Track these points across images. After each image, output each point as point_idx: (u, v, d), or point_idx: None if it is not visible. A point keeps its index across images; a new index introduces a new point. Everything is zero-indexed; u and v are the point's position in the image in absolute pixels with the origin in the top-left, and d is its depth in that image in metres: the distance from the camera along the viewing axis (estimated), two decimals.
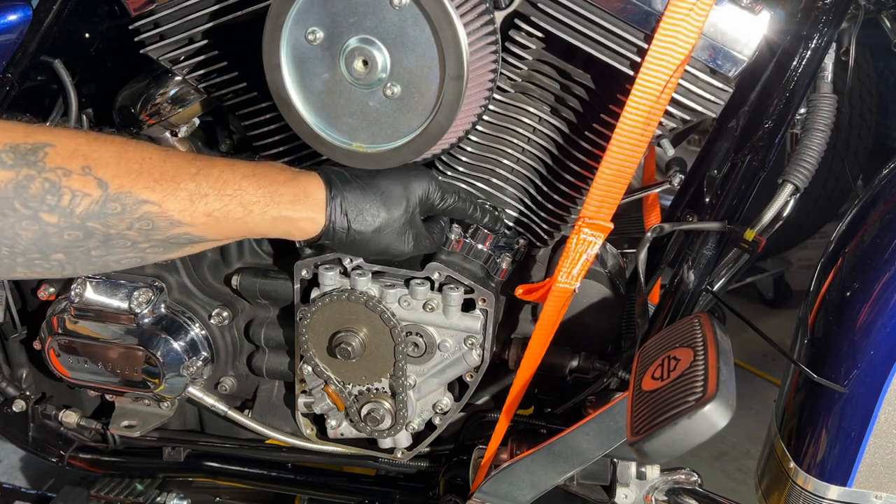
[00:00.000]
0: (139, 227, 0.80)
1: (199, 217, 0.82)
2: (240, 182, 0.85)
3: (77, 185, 0.76)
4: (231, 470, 1.39)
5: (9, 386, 1.38)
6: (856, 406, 0.89)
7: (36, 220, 0.75)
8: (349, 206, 0.91)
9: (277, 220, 0.88)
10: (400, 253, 0.97)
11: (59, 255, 0.78)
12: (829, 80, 1.02)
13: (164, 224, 0.81)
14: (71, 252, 0.78)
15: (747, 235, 1.00)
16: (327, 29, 0.91)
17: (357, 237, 0.93)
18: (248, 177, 0.86)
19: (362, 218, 0.92)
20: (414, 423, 1.20)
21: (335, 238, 0.92)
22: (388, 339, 1.12)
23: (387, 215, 0.93)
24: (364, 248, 0.95)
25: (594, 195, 0.98)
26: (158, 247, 0.83)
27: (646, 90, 0.92)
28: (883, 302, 0.87)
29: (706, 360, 0.85)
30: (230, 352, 1.29)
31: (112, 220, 0.78)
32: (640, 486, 1.08)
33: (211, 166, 0.84)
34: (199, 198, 0.82)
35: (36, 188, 0.74)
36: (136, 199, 0.78)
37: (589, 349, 1.18)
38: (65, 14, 1.14)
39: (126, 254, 0.82)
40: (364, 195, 0.92)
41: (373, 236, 0.93)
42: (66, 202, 0.75)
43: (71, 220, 0.76)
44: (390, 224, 0.94)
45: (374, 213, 0.92)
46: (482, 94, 0.98)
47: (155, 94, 1.20)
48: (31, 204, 0.74)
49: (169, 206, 0.80)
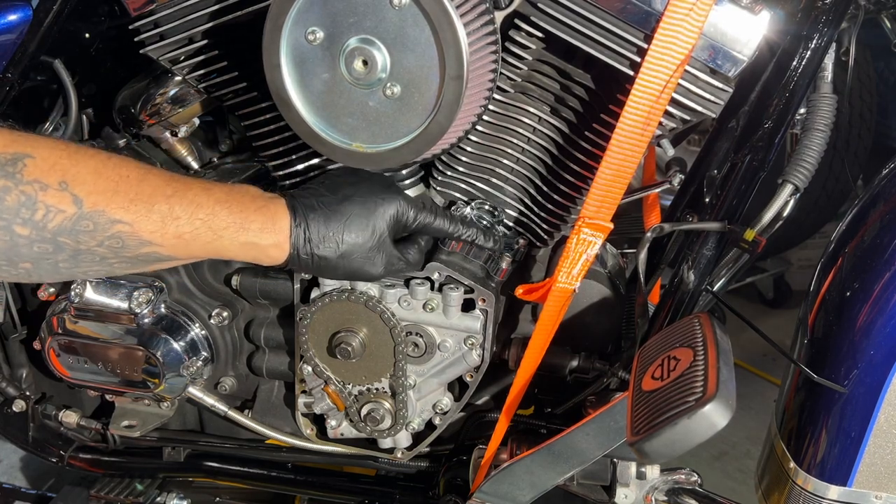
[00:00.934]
0: (109, 244, 0.80)
1: (170, 239, 0.83)
2: (213, 207, 0.86)
3: (52, 201, 0.76)
4: (231, 470, 1.39)
5: (9, 386, 1.38)
6: (856, 406, 0.89)
7: (8, 231, 0.75)
8: (312, 233, 0.91)
9: (246, 246, 0.89)
10: (370, 276, 0.98)
11: (27, 264, 0.79)
12: (829, 80, 1.02)
13: (133, 243, 0.82)
14: (39, 263, 0.79)
15: (747, 235, 1.00)
16: (327, 29, 0.91)
17: (322, 262, 0.93)
18: (221, 202, 0.87)
19: (325, 245, 0.92)
20: (414, 423, 1.20)
21: (300, 264, 0.93)
22: (388, 339, 1.12)
23: (351, 241, 0.94)
24: (332, 272, 0.96)
25: (594, 195, 0.98)
26: (126, 263, 0.84)
27: (646, 90, 0.92)
28: (883, 302, 0.87)
29: (706, 360, 0.85)
30: (230, 352, 1.29)
31: (83, 236, 0.78)
32: (640, 486, 1.08)
33: (186, 189, 0.85)
34: (171, 220, 0.83)
35: (11, 200, 0.74)
36: (109, 218, 0.79)
37: (589, 349, 1.18)
38: (65, 14, 1.14)
39: (93, 267, 0.83)
40: (328, 222, 0.92)
41: (339, 262, 0.94)
42: (39, 216, 0.76)
43: (42, 234, 0.76)
44: (356, 249, 0.94)
45: (337, 239, 0.93)
46: (482, 94, 0.98)
47: (155, 94, 1.20)
48: (4, 216, 0.75)
49: (140, 226, 0.81)
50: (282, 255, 0.92)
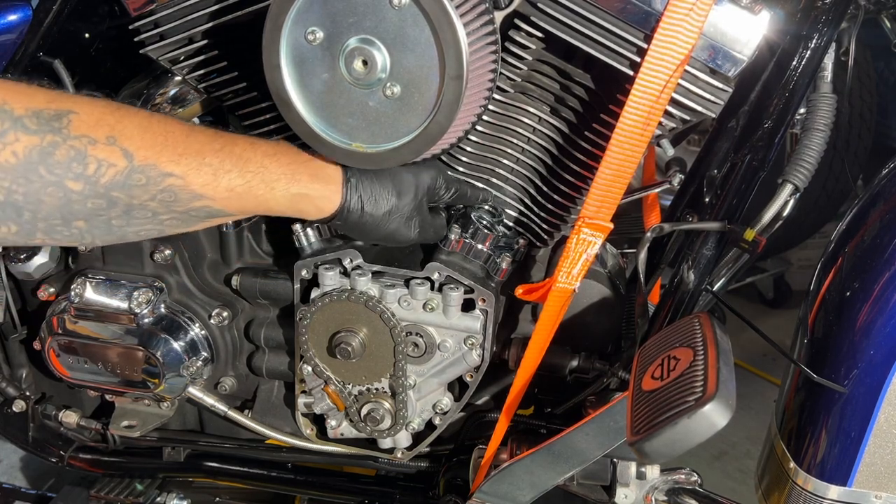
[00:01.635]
0: (162, 198, 0.80)
1: (222, 192, 0.84)
2: (262, 160, 0.87)
3: (103, 155, 0.76)
4: (231, 470, 1.39)
5: (9, 386, 1.38)
6: (856, 406, 0.89)
7: (61, 187, 0.74)
8: (363, 188, 0.93)
9: (296, 198, 0.90)
10: (405, 239, 0.99)
11: (81, 222, 0.78)
12: (829, 80, 1.02)
13: (186, 197, 0.82)
14: (92, 220, 0.78)
15: (747, 235, 1.00)
16: (327, 29, 0.91)
17: (368, 219, 0.95)
18: (269, 155, 0.88)
19: (374, 201, 0.94)
20: (414, 423, 1.20)
21: (348, 219, 0.94)
22: (388, 339, 1.12)
23: (397, 200, 0.96)
24: (373, 230, 0.97)
25: (594, 195, 0.98)
26: (178, 218, 0.84)
27: (646, 90, 0.92)
28: (883, 302, 0.87)
29: (706, 359, 0.85)
30: (230, 352, 1.29)
31: (136, 190, 0.78)
32: (640, 486, 1.08)
33: (233, 143, 0.85)
34: (222, 173, 0.83)
35: (61, 155, 0.74)
36: (160, 171, 0.79)
37: (589, 349, 1.18)
38: (65, 14, 1.14)
39: (145, 225, 0.82)
40: (378, 179, 0.95)
41: (382, 219, 0.95)
42: (91, 171, 0.75)
43: (95, 189, 0.76)
44: (400, 209, 0.96)
45: (386, 196, 0.94)
46: (482, 94, 0.98)
47: (155, 94, 1.20)
48: (56, 171, 0.74)
49: (192, 179, 0.81)
50: (331, 207, 0.92)
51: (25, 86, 0.75)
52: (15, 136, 0.72)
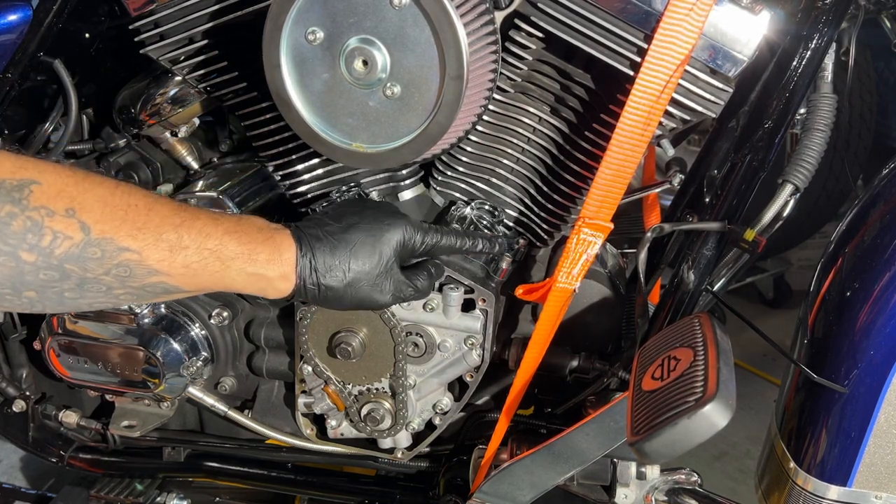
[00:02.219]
0: (116, 273, 0.79)
1: (178, 268, 0.82)
2: (221, 237, 0.85)
3: (59, 227, 0.75)
4: (231, 470, 1.39)
5: (9, 386, 1.38)
6: (856, 406, 0.89)
7: (14, 258, 0.74)
8: (318, 263, 0.90)
9: (253, 277, 0.88)
10: (378, 304, 0.96)
11: (32, 292, 0.77)
12: (829, 80, 1.02)
13: (141, 272, 0.80)
14: (44, 292, 0.77)
15: (747, 235, 1.00)
16: (327, 29, 0.91)
17: (329, 293, 0.92)
18: (229, 232, 0.85)
19: (332, 274, 0.91)
20: (414, 423, 1.20)
21: (308, 295, 0.91)
22: (388, 339, 1.12)
23: (358, 269, 0.92)
24: (339, 302, 0.94)
25: (594, 195, 0.98)
26: (132, 294, 0.82)
27: (646, 90, 0.92)
28: (883, 302, 0.87)
29: (706, 360, 0.85)
30: (230, 352, 1.29)
31: (91, 264, 0.77)
32: (640, 486, 1.08)
33: (194, 219, 0.83)
34: (179, 249, 0.81)
35: (17, 226, 0.73)
36: (116, 245, 0.78)
37: (589, 349, 1.18)
38: (65, 14, 1.14)
39: (98, 298, 0.81)
40: (334, 252, 0.91)
41: (346, 290, 0.92)
42: (46, 242, 0.74)
43: (49, 261, 0.75)
44: (363, 277, 0.93)
45: (343, 268, 0.91)
46: (482, 94, 0.98)
47: (155, 94, 1.20)
48: (10, 241, 0.73)
49: (149, 255, 0.80)
50: (288, 286, 0.90)
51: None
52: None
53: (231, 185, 1.21)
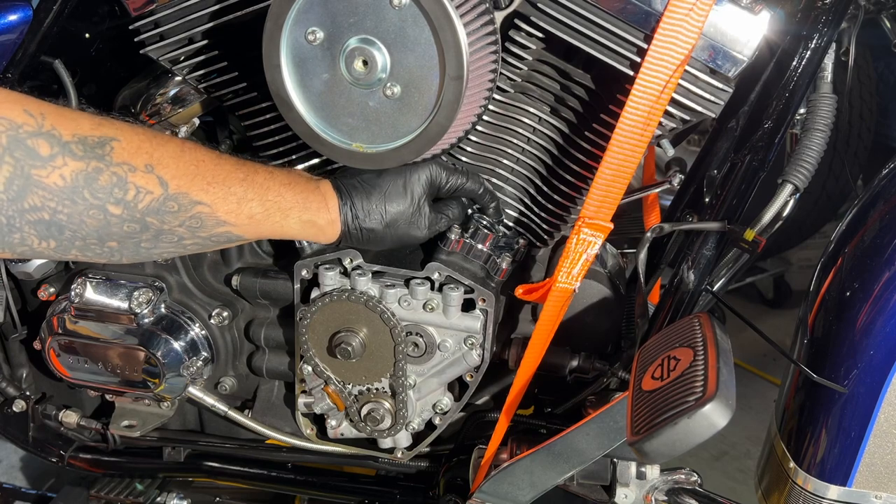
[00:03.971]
0: (189, 224, 0.86)
1: (244, 219, 0.90)
2: (279, 189, 0.93)
3: (141, 182, 0.81)
4: (231, 470, 1.39)
5: (9, 386, 1.38)
6: (856, 406, 0.89)
7: (102, 210, 0.79)
8: (358, 210, 0.99)
9: (307, 224, 0.97)
10: (417, 239, 1.05)
11: (114, 243, 0.83)
12: (829, 80, 1.02)
13: (211, 223, 0.88)
14: (124, 242, 0.83)
15: (747, 235, 1.00)
16: (327, 29, 0.91)
17: (371, 235, 1.01)
18: (285, 184, 0.94)
19: (371, 218, 1.00)
20: (414, 423, 1.20)
21: (352, 238, 1.01)
22: (388, 339, 1.12)
23: (393, 210, 1.00)
24: (381, 241, 1.03)
25: (594, 195, 0.98)
26: (199, 243, 0.90)
27: (646, 90, 0.92)
28: (883, 302, 0.87)
29: (706, 359, 0.85)
30: (230, 352, 1.29)
31: (168, 217, 0.84)
32: (640, 486, 1.08)
33: (255, 173, 0.91)
34: (245, 202, 0.89)
35: (104, 180, 0.79)
36: (191, 199, 0.85)
37: (589, 349, 1.18)
38: (65, 14, 1.14)
39: (168, 248, 0.88)
40: (369, 197, 1.00)
41: (386, 231, 1.01)
42: (130, 196, 0.80)
43: (133, 214, 0.81)
44: (399, 217, 1.01)
45: (381, 211, 1.00)
46: (482, 94, 0.98)
47: (155, 94, 1.20)
48: (99, 195, 0.79)
49: (219, 207, 0.87)
50: (335, 231, 0.99)
51: (71, 111, 0.79)
52: (63, 161, 0.76)
53: None
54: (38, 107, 0.76)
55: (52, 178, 0.76)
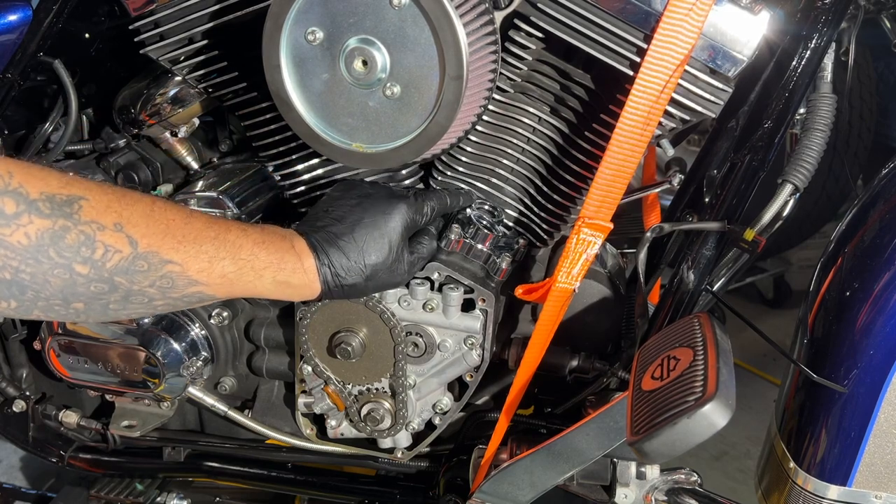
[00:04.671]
0: (160, 284, 0.83)
1: (216, 279, 0.87)
2: (252, 248, 0.89)
3: (110, 241, 0.78)
4: (231, 470, 1.39)
5: (9, 386, 1.38)
6: (856, 406, 0.89)
7: (68, 270, 0.76)
8: (337, 268, 0.95)
9: (282, 286, 0.93)
10: (399, 283, 1.03)
11: (80, 304, 0.80)
12: (829, 80, 1.02)
13: (183, 283, 0.85)
14: (91, 304, 0.80)
15: (747, 235, 1.00)
16: (327, 29, 0.91)
17: (353, 290, 0.98)
18: (258, 244, 0.90)
19: (351, 275, 0.96)
20: (414, 423, 1.20)
21: (333, 294, 0.97)
22: (387, 339, 1.12)
23: (373, 263, 0.97)
24: (363, 293, 1.01)
25: (594, 195, 0.98)
26: (170, 304, 0.86)
27: (645, 90, 0.92)
28: (883, 302, 0.87)
29: (706, 359, 0.85)
30: (230, 352, 1.29)
31: (138, 276, 0.81)
32: (639, 486, 1.08)
33: (227, 231, 0.88)
34: (217, 260, 0.86)
35: (71, 239, 0.76)
36: (161, 258, 0.82)
37: (589, 349, 1.18)
38: (65, 14, 1.14)
39: (138, 309, 0.85)
40: (348, 254, 0.96)
41: (367, 284, 0.98)
42: (98, 255, 0.78)
43: (100, 273, 0.78)
44: (379, 268, 0.98)
45: (360, 266, 0.96)
46: (482, 94, 0.98)
47: (155, 94, 1.20)
48: (65, 254, 0.76)
49: (190, 266, 0.84)
50: (313, 292, 0.96)
51: (39, 168, 0.77)
52: (29, 219, 0.74)
53: (231, 185, 1.21)
54: (6, 165, 0.73)
55: (15, 236, 0.73)
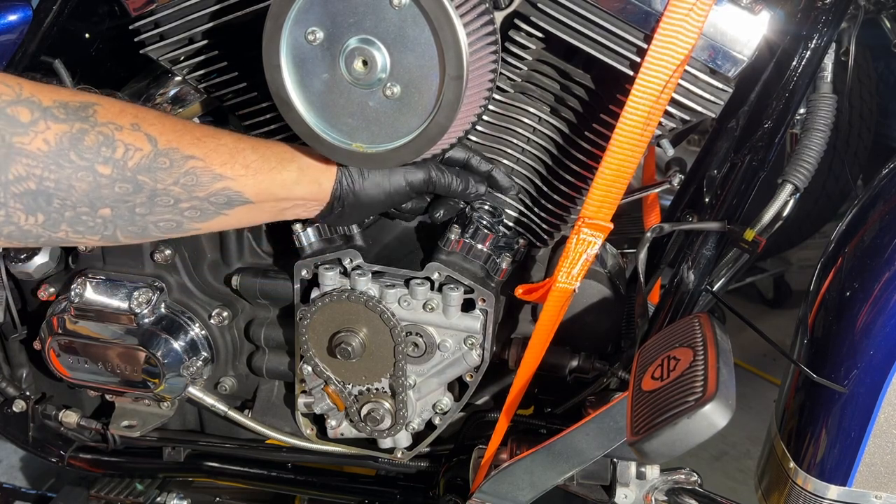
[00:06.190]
0: (184, 182, 0.83)
1: (239, 169, 0.87)
2: (270, 144, 0.93)
3: (129, 139, 0.79)
4: (231, 470, 1.39)
5: (9, 386, 1.38)
6: (856, 406, 0.89)
7: (91, 172, 0.77)
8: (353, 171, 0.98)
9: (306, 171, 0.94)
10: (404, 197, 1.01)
11: (107, 209, 0.80)
12: (829, 80, 1.02)
13: (207, 178, 0.85)
14: (117, 208, 0.81)
15: (747, 235, 1.00)
16: (327, 29, 0.91)
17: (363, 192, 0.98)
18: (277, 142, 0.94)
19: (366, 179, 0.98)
20: (414, 423, 1.20)
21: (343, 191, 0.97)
22: (388, 339, 1.12)
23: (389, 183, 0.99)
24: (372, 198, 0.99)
25: (594, 195, 0.98)
26: (197, 207, 0.86)
27: (645, 90, 0.92)
28: (883, 302, 0.87)
29: (706, 359, 0.85)
30: (230, 352, 1.29)
31: (160, 174, 0.81)
32: (639, 486, 1.08)
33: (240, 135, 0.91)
34: (238, 151, 0.88)
35: (91, 140, 0.76)
36: (182, 154, 0.82)
37: (589, 349, 1.18)
38: (65, 14, 1.14)
39: (165, 213, 0.85)
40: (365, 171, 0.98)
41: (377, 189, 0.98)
42: (119, 154, 0.78)
43: (123, 173, 0.79)
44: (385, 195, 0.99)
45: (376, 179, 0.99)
46: (482, 94, 0.98)
47: (155, 94, 1.20)
48: (86, 155, 0.76)
49: (212, 160, 0.85)
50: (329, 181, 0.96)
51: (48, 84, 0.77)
52: (45, 125, 0.74)
53: None
54: (15, 79, 0.74)
55: (35, 143, 0.73)
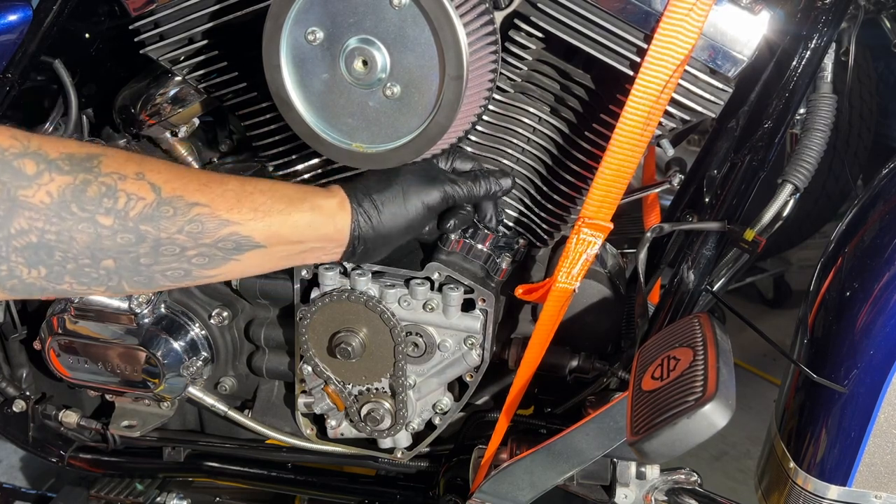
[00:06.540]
0: (189, 230, 0.81)
1: (247, 213, 0.85)
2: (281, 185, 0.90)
3: (132, 189, 0.78)
4: (231, 470, 1.39)
5: (9, 386, 1.38)
6: (856, 406, 0.89)
7: (92, 223, 0.76)
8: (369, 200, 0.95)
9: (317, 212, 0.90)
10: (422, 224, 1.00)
11: (109, 261, 0.79)
12: (829, 80, 1.02)
13: (213, 225, 0.83)
14: (121, 259, 0.79)
15: (747, 235, 1.00)
16: (327, 29, 0.91)
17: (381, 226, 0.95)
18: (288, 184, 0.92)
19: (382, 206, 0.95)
20: (414, 423, 1.20)
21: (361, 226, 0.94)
22: (387, 339, 1.12)
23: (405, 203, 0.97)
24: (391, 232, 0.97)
25: (594, 195, 0.98)
26: (205, 254, 0.84)
27: (646, 90, 0.92)
28: (883, 302, 0.87)
29: (706, 359, 0.85)
30: (230, 352, 1.29)
31: (164, 223, 0.80)
32: (639, 486, 1.08)
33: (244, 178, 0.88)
34: (244, 195, 0.85)
35: (93, 192, 0.76)
36: (187, 202, 0.81)
37: (589, 349, 1.18)
38: (65, 14, 1.14)
39: (171, 263, 0.83)
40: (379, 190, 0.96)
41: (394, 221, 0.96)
42: (121, 205, 0.77)
43: (125, 223, 0.78)
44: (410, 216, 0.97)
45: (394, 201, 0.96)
46: (482, 94, 0.98)
47: (155, 94, 1.20)
48: (87, 207, 0.76)
49: (218, 205, 0.83)
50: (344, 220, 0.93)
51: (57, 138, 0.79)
52: (50, 177, 0.74)
53: None
54: (24, 134, 0.74)
55: (38, 196, 0.73)
